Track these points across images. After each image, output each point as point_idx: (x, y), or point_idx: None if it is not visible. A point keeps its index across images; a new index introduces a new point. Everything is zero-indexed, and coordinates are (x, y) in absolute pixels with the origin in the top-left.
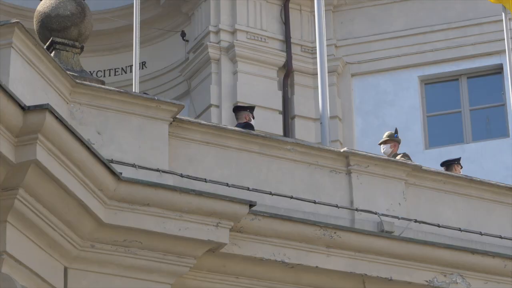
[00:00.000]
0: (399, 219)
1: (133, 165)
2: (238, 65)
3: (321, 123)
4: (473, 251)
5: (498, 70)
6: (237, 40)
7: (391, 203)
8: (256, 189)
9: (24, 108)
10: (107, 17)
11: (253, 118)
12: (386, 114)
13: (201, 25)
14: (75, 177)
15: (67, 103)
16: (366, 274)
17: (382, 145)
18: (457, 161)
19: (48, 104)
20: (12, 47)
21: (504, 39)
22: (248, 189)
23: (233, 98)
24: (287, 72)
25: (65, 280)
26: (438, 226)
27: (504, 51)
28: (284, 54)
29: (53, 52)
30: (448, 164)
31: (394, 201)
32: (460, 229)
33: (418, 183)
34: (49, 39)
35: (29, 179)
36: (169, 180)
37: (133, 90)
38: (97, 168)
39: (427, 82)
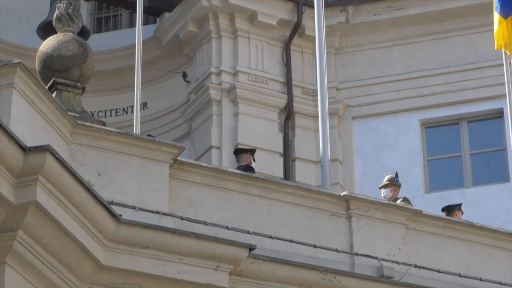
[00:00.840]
0: (399, 264)
1: (133, 207)
2: (239, 107)
3: (321, 166)
4: None
5: (498, 114)
6: (238, 82)
7: (391, 247)
8: (256, 233)
9: (24, 149)
10: (109, 57)
11: (254, 161)
12: (386, 157)
13: (203, 66)
14: (74, 218)
15: (68, 144)
16: None
17: (382, 189)
18: (458, 206)
19: (48, 145)
20: (14, 87)
21: (504, 83)
22: (248, 232)
23: (234, 139)
24: (288, 114)
25: None
26: (438, 271)
27: (505, 95)
28: (285, 96)
29: (55, 93)
30: (449, 210)
31: (394, 245)
32: (460, 275)
33: (419, 228)
34: (51, 79)
35: (29, 220)
36: (169, 222)
37: (134, 131)
38: (97, 210)
39: (428, 126)
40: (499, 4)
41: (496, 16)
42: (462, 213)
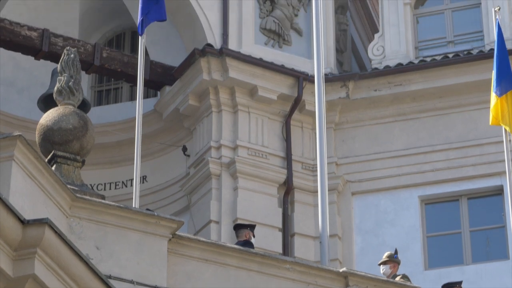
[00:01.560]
0: None
1: (131, 282)
2: (239, 181)
3: (320, 242)
4: None
5: (498, 191)
6: (238, 156)
7: None
8: None
9: (23, 222)
10: (109, 130)
11: (254, 236)
12: (386, 233)
13: (203, 140)
14: None
15: (67, 217)
16: None
17: (381, 265)
18: (458, 284)
19: (47, 218)
20: (14, 160)
21: (504, 161)
22: None
23: (233, 214)
24: (287, 189)
25: None
26: None
27: (505, 172)
28: (285, 171)
29: (54, 166)
30: (449, 287)
31: None
32: None
33: None
34: (51, 152)
35: None
36: None
37: (133, 205)
38: (95, 284)
39: (428, 202)
40: (496, 82)
41: (493, 95)
42: None
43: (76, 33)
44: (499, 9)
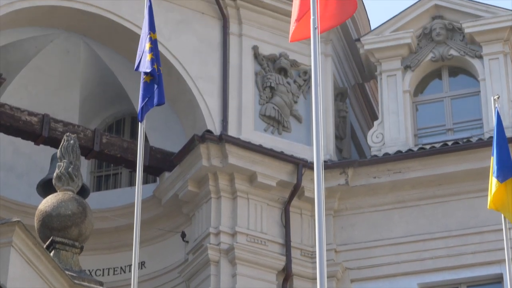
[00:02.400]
0: None
1: None
2: (238, 268)
3: None
4: None
5: (498, 279)
6: (237, 243)
7: None
8: None
9: None
10: (108, 216)
11: None
12: None
13: (202, 226)
14: None
15: None
16: None
17: None
18: None
19: None
20: (12, 246)
21: (504, 249)
22: None
23: None
24: (286, 276)
25: None
26: None
27: (504, 260)
28: (284, 257)
29: (53, 252)
30: None
31: None
32: None
33: None
34: (50, 237)
35: None
36: None
37: None
38: None
39: None
40: (497, 168)
41: (494, 180)
42: None
43: (76, 118)
44: (498, 98)
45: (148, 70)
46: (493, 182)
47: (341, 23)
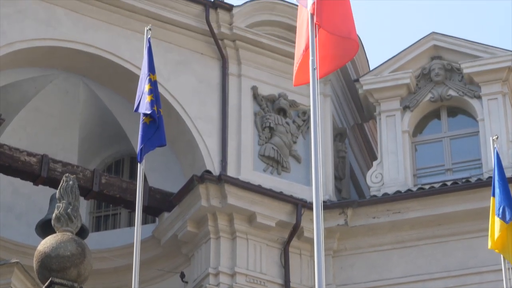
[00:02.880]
0: None
1: None
2: None
3: None
4: None
5: None
6: (236, 283)
7: None
8: None
9: None
10: (107, 256)
11: None
12: None
13: (201, 267)
14: None
15: None
16: None
17: None
18: None
19: None
20: (11, 287)
21: None
22: None
23: None
24: None
25: None
26: None
27: None
28: None
29: None
30: None
31: None
32: None
33: None
34: (48, 278)
35: None
36: None
37: None
38: None
39: None
40: (500, 208)
41: (497, 220)
42: None
43: (75, 158)
44: (497, 138)
45: (148, 112)
46: (495, 222)
47: (342, 66)
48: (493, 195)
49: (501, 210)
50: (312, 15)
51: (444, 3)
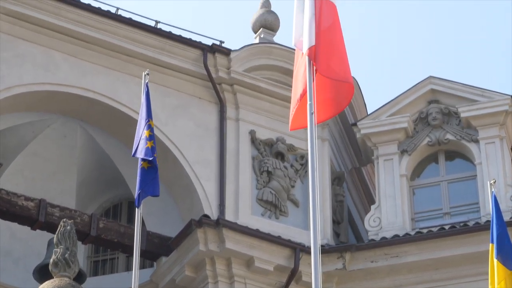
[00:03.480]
0: None
1: None
2: None
3: None
4: None
5: None
6: None
7: None
8: None
9: None
10: None
11: None
12: None
13: None
14: None
15: None
16: None
17: None
18: None
19: None
20: None
21: None
22: None
23: None
24: None
25: None
26: None
27: None
28: None
29: None
30: None
31: None
32: None
33: None
34: None
35: None
36: None
37: None
38: None
39: None
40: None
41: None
42: None
43: (73, 203)
44: (494, 182)
45: (150, 159)
46: (495, 268)
47: (340, 112)
48: (492, 242)
49: (501, 256)
50: (309, 59)
51: (441, 47)
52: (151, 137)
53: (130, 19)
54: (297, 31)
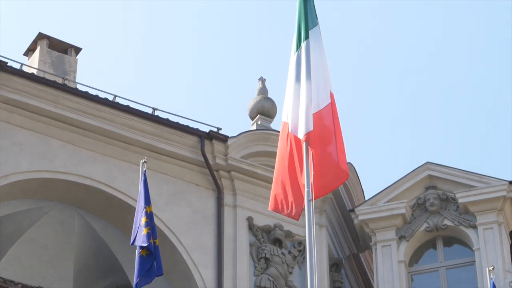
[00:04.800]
0: None
1: None
2: None
3: None
4: None
5: None
6: None
7: None
8: None
9: None
10: None
11: None
12: None
13: None
14: None
15: None
16: None
17: None
18: None
19: None
20: None
21: None
22: None
23: None
24: None
25: None
26: None
27: None
28: None
29: None
30: None
31: None
32: None
33: None
34: None
35: None
36: None
37: None
38: None
39: None
40: None
41: None
42: None
43: None
44: (493, 269)
45: (145, 245)
46: None
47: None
48: None
49: None
50: (307, 144)
51: (438, 132)
52: (147, 223)
53: (127, 106)
54: (293, 117)
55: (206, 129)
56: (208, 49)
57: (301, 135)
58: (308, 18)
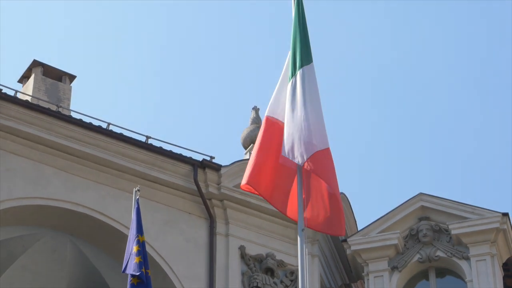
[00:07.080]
0: None
1: None
2: None
3: None
4: None
5: None
6: None
7: None
8: None
9: None
10: None
11: None
12: None
13: None
14: None
15: None
16: None
17: None
18: None
19: None
20: None
21: None
22: None
23: None
24: None
25: None
26: None
27: None
28: None
29: None
30: None
31: None
32: None
33: None
34: None
35: None
36: None
37: None
38: None
39: None
40: None
41: None
42: None
43: None
44: None
45: (137, 274)
46: None
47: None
48: None
49: None
50: (301, 173)
51: (431, 163)
52: (139, 252)
53: (121, 134)
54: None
55: (199, 157)
56: (202, 78)
57: (298, 160)
58: (302, 52)
